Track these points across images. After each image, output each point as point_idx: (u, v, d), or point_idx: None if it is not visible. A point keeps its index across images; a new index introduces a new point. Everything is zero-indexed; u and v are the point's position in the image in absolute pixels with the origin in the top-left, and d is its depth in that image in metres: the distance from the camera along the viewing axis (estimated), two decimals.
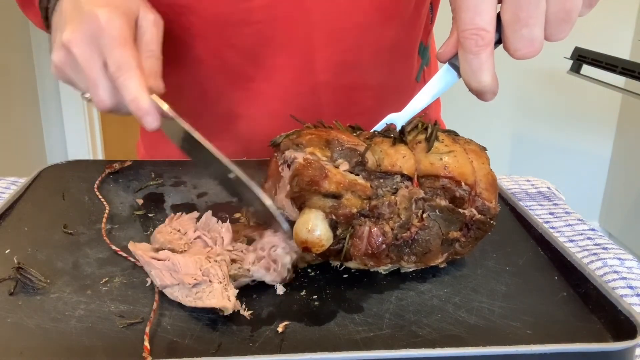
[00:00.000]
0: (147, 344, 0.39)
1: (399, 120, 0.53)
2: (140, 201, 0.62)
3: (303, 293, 0.46)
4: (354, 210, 0.46)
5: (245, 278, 0.46)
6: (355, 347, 0.39)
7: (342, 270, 0.49)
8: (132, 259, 0.50)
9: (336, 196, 0.45)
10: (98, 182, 0.66)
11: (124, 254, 0.51)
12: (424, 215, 0.47)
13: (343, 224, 0.46)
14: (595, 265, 0.58)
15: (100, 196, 0.62)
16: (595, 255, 0.59)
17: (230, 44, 0.71)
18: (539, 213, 0.71)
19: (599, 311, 0.44)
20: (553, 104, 2.60)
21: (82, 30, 0.53)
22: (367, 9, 0.70)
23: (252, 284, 0.47)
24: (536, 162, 2.72)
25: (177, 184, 0.67)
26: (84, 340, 0.40)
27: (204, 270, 0.44)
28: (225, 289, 0.43)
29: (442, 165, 0.47)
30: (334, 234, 0.46)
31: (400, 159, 0.47)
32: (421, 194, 0.46)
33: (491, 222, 0.49)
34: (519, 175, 0.84)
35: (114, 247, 0.52)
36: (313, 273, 0.49)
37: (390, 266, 0.49)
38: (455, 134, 0.52)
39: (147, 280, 0.47)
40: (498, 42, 0.47)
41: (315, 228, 0.45)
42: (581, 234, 0.65)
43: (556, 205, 0.73)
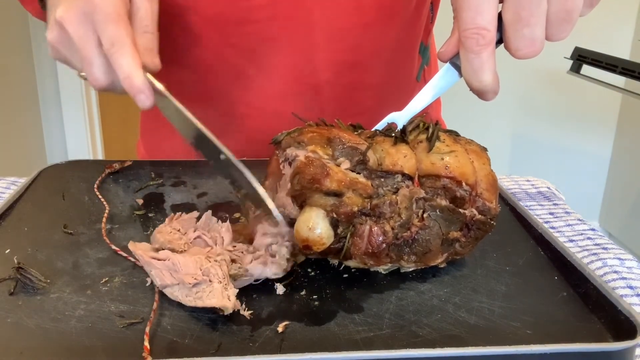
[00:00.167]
0: (147, 344, 0.39)
1: (400, 119, 0.53)
2: (140, 201, 0.62)
3: (303, 293, 0.46)
4: (355, 209, 0.45)
5: (245, 277, 0.46)
6: (355, 347, 0.39)
7: (342, 270, 0.49)
8: (132, 259, 0.50)
9: (337, 195, 0.45)
10: (98, 182, 0.66)
11: (124, 254, 0.51)
12: (425, 215, 0.47)
13: (344, 223, 0.46)
14: (595, 265, 0.58)
15: (100, 196, 0.62)
16: (595, 255, 0.59)
17: (230, 43, 0.71)
18: (539, 213, 0.71)
19: (599, 311, 0.44)
20: (553, 104, 2.60)
21: (76, 7, 0.52)
22: (368, 8, 0.70)
23: (256, 282, 0.47)
24: (536, 162, 2.72)
25: (177, 184, 0.67)
26: (84, 340, 0.40)
27: (204, 270, 0.44)
28: (225, 289, 0.43)
29: (443, 165, 0.47)
30: (335, 233, 0.46)
31: (402, 158, 0.47)
32: (422, 193, 0.46)
33: (491, 223, 0.49)
34: (519, 175, 0.84)
35: (114, 247, 0.52)
36: (313, 273, 0.49)
37: (390, 266, 0.49)
38: (457, 134, 0.52)
39: (147, 280, 0.47)
40: (499, 42, 0.47)
41: (316, 226, 0.45)
42: (581, 234, 0.65)
43: (556, 205, 0.73)
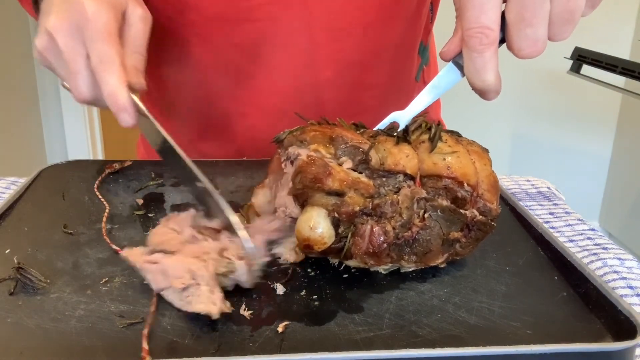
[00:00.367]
0: (146, 345, 0.39)
1: (402, 118, 0.53)
2: (140, 201, 0.62)
3: (303, 293, 0.46)
4: (357, 209, 0.45)
5: (233, 275, 0.45)
6: (355, 347, 0.39)
7: (342, 270, 0.49)
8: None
9: (339, 194, 0.45)
10: (98, 182, 0.66)
11: (124, 254, 0.51)
12: (426, 215, 0.47)
13: (345, 222, 0.46)
14: (595, 265, 0.58)
15: (100, 196, 0.62)
16: (595, 255, 0.59)
17: (231, 42, 0.71)
18: (539, 213, 0.71)
19: (599, 311, 0.44)
20: (553, 104, 2.60)
21: (68, 19, 0.52)
22: (369, 8, 0.70)
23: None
24: (536, 162, 2.72)
25: (177, 184, 0.67)
26: (84, 340, 0.40)
27: (192, 273, 0.44)
28: (212, 292, 0.42)
29: (445, 165, 0.47)
30: (336, 232, 0.46)
31: (404, 158, 0.47)
32: (423, 193, 0.46)
33: (492, 224, 0.49)
34: (519, 175, 0.84)
35: (114, 247, 0.52)
36: (313, 273, 0.49)
37: (390, 266, 0.49)
38: (459, 135, 0.52)
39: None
40: (501, 42, 0.47)
41: (317, 226, 0.45)
42: (581, 234, 0.65)
43: (556, 205, 0.73)
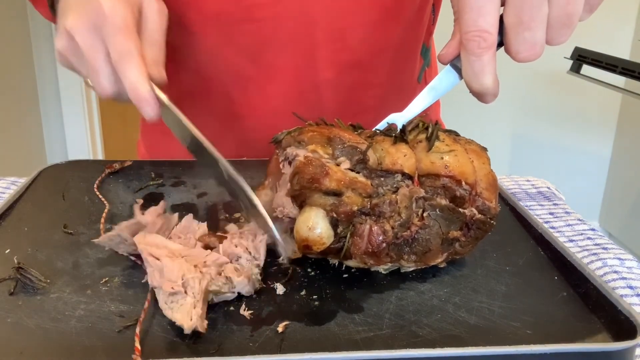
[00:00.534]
0: (138, 345, 0.39)
1: (400, 120, 0.53)
2: (140, 201, 0.62)
3: (303, 293, 0.46)
4: (355, 208, 0.45)
5: (228, 294, 0.45)
6: (355, 347, 0.39)
7: (342, 270, 0.49)
8: (132, 259, 0.50)
9: (337, 194, 0.45)
10: (98, 182, 0.66)
11: (124, 254, 0.51)
12: (425, 214, 0.47)
13: (344, 222, 0.46)
14: (595, 265, 0.58)
15: (100, 196, 0.62)
16: (595, 255, 0.59)
17: (231, 42, 0.71)
18: (539, 213, 0.71)
19: (599, 311, 0.44)
20: (553, 104, 2.60)
21: (85, 17, 0.53)
22: (371, 8, 0.70)
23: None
24: (536, 162, 2.72)
25: (177, 184, 0.67)
26: (84, 340, 0.40)
27: (185, 281, 0.43)
28: (194, 306, 0.41)
29: (443, 164, 0.47)
30: (335, 232, 0.46)
31: (401, 157, 0.47)
32: (422, 193, 0.46)
33: (491, 222, 0.49)
34: (519, 175, 0.84)
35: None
36: (313, 273, 0.49)
37: (390, 265, 0.49)
38: (456, 134, 0.52)
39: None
40: (499, 45, 0.47)
41: (316, 226, 0.45)
42: (581, 234, 0.65)
43: (556, 205, 0.73)
